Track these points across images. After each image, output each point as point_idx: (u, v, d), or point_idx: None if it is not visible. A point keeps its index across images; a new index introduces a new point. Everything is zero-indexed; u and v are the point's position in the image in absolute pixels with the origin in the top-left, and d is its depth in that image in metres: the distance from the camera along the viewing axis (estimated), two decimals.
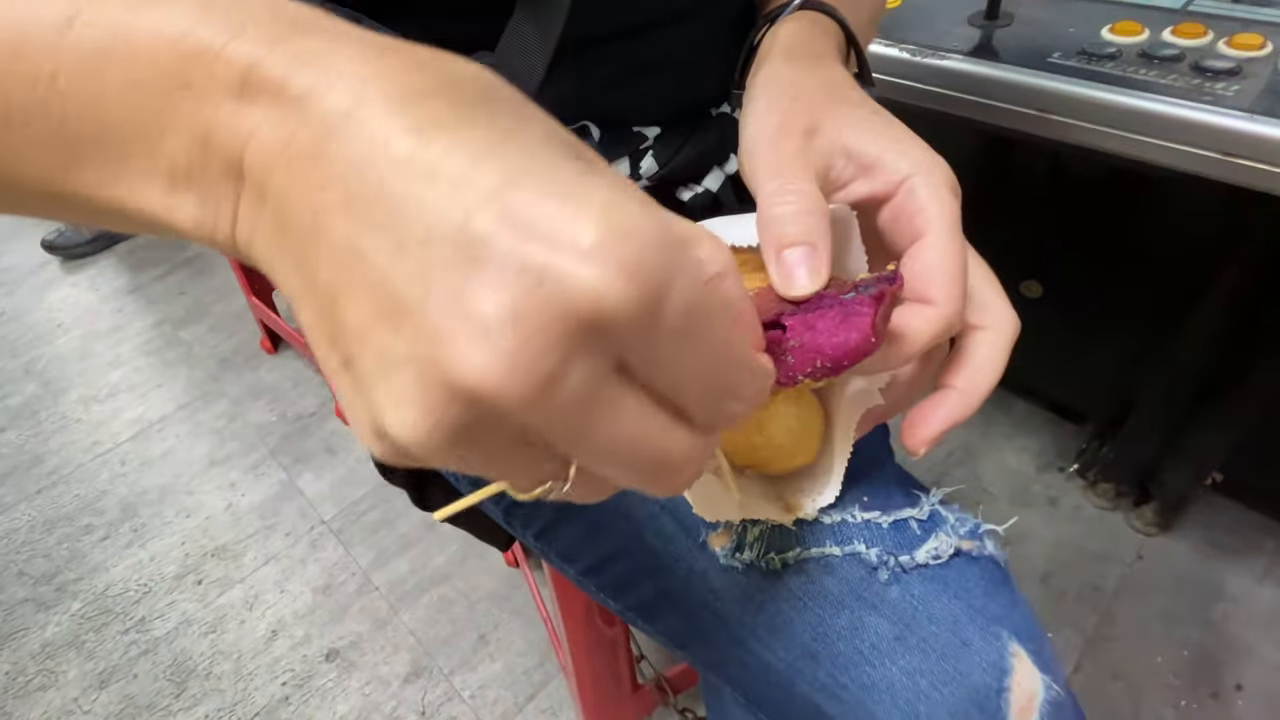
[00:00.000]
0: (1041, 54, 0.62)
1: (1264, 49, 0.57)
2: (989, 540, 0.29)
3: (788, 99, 0.28)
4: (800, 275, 0.22)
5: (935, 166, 0.25)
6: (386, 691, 1.00)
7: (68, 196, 0.17)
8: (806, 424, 0.26)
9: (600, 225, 0.13)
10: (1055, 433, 1.23)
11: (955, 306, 0.23)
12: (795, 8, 0.34)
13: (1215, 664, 0.93)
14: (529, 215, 0.13)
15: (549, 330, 0.13)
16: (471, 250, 0.13)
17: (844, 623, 0.28)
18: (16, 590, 1.18)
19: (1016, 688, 0.25)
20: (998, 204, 1.03)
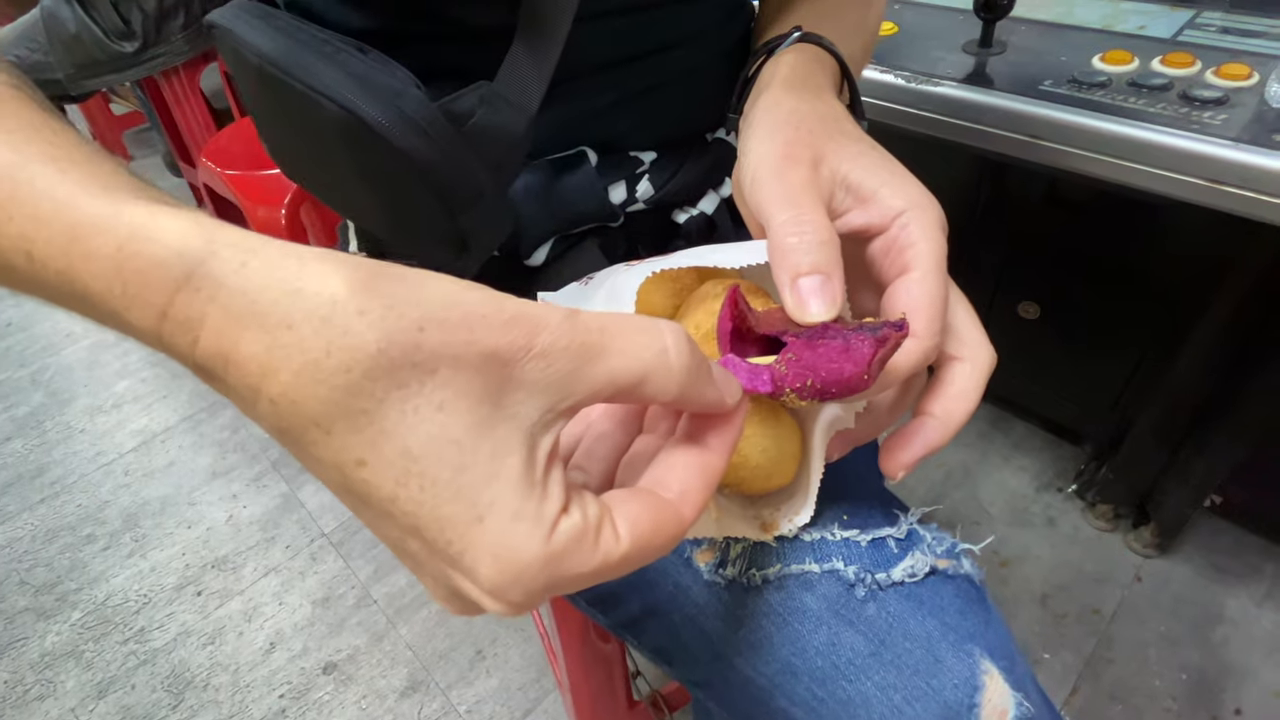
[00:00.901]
0: (1033, 82, 0.64)
1: (1250, 79, 0.59)
2: (965, 559, 0.30)
3: (790, 128, 0.29)
4: (814, 303, 0.23)
5: (929, 205, 0.26)
6: (383, 705, 1.00)
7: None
8: (783, 446, 0.27)
9: (492, 574, 0.17)
10: (1054, 453, 1.23)
11: (934, 341, 0.24)
12: (794, 40, 0.36)
13: (1214, 688, 0.93)
14: (442, 556, 0.17)
15: (475, 609, 0.19)
16: (414, 560, 0.18)
17: (822, 639, 0.28)
18: (17, 599, 1.19)
19: (988, 704, 0.26)
20: (995, 225, 1.04)
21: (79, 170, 0.18)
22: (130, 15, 1.61)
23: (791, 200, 0.25)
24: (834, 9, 0.41)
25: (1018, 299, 1.09)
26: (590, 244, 0.45)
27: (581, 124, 0.43)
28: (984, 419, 1.30)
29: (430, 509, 0.16)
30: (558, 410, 0.18)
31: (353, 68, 0.35)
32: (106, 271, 0.17)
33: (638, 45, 0.43)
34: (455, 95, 0.36)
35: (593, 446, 0.24)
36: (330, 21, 0.40)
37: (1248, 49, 0.63)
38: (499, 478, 0.17)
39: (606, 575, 0.19)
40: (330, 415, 0.16)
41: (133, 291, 0.17)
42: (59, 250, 0.17)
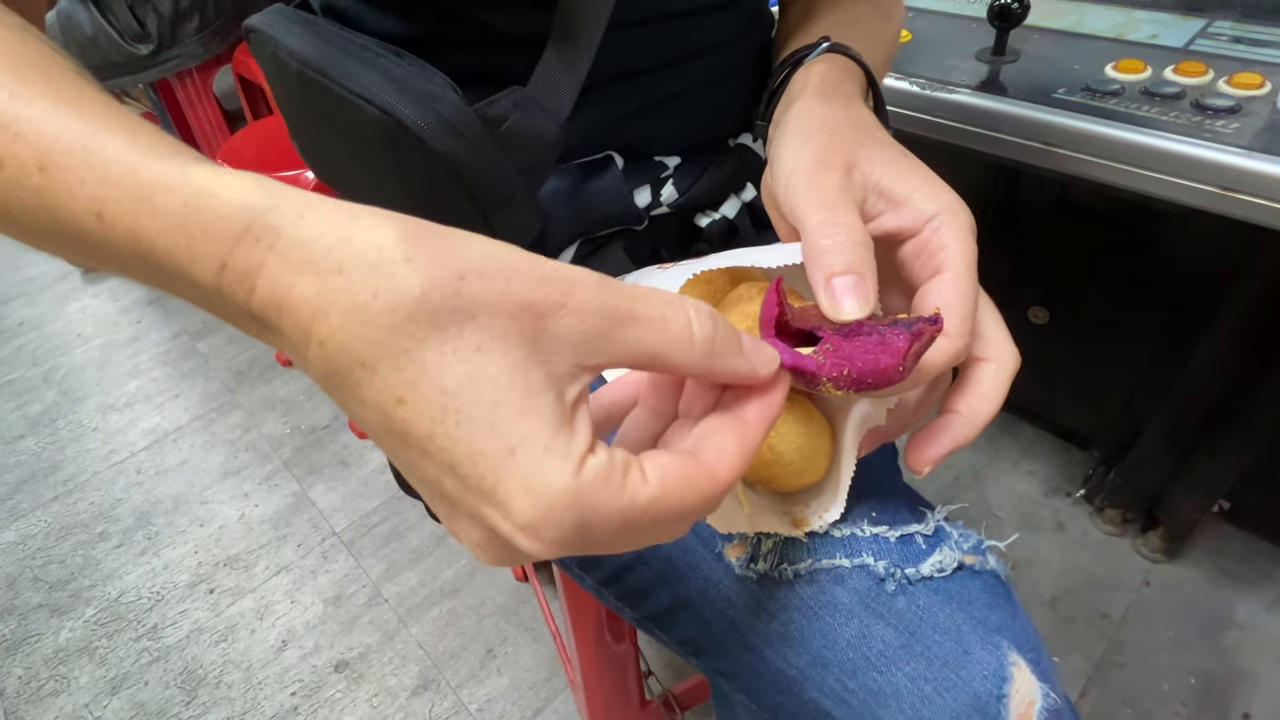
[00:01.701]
0: (1047, 90, 0.64)
1: (1263, 88, 0.59)
2: (991, 556, 0.31)
3: (824, 134, 0.30)
4: (847, 302, 0.24)
5: (960, 210, 0.27)
6: (394, 704, 1.01)
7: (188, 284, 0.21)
8: (815, 444, 0.28)
9: (524, 510, 0.18)
10: (1063, 458, 1.24)
11: (965, 340, 0.25)
12: (823, 50, 0.37)
13: (1223, 693, 0.93)
14: (475, 493, 0.18)
15: (515, 555, 0.19)
16: (449, 500, 0.19)
17: (853, 631, 0.29)
18: (31, 596, 1.20)
19: (1015, 695, 0.27)
20: (1006, 231, 1.04)
21: (146, 138, 0.19)
22: (146, 18, 1.62)
23: (825, 203, 0.26)
24: (856, 20, 0.42)
25: (1028, 304, 1.10)
26: (615, 246, 0.46)
27: (609, 129, 0.44)
28: (994, 423, 1.30)
29: (465, 444, 0.17)
30: (585, 365, 0.19)
31: (391, 72, 0.36)
32: (172, 227, 0.18)
33: (665, 53, 0.43)
34: (490, 100, 0.37)
35: (627, 430, 0.24)
36: (366, 27, 0.41)
37: (1260, 58, 0.64)
38: (531, 414, 0.17)
39: (635, 523, 0.19)
40: (375, 355, 0.17)
41: (196, 244, 0.18)
42: (128, 209, 0.18)
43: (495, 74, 0.40)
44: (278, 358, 1.63)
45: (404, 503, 1.28)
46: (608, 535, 0.19)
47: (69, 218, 0.19)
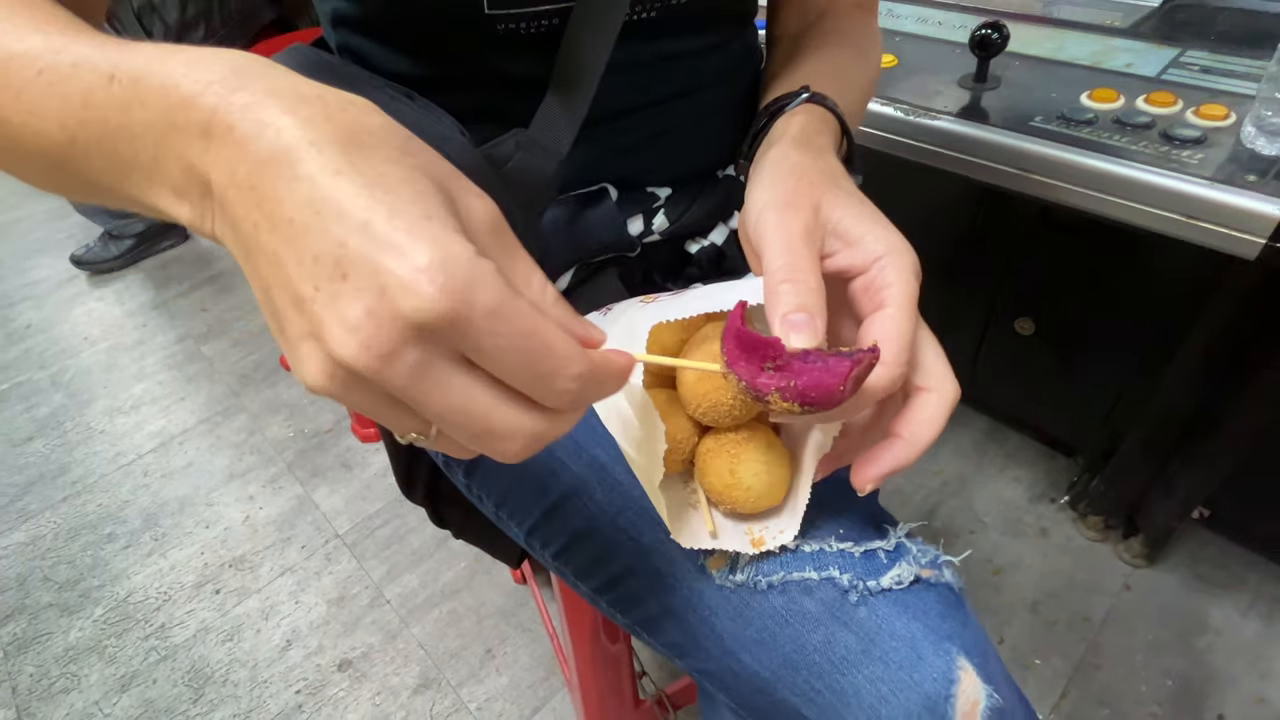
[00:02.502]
0: (1025, 118, 0.67)
1: (1228, 119, 0.62)
2: (947, 569, 0.34)
3: (794, 179, 0.33)
4: (795, 336, 0.27)
5: (905, 252, 0.30)
6: (396, 702, 1.04)
7: (124, 198, 0.25)
8: (774, 472, 0.31)
9: (427, 254, 0.19)
10: (1048, 465, 1.27)
11: (901, 369, 0.28)
12: (802, 100, 0.40)
13: (1198, 694, 0.96)
14: (382, 244, 0.19)
15: (390, 326, 0.19)
16: (342, 268, 0.20)
17: (819, 637, 0.32)
18: (41, 595, 1.23)
19: (962, 695, 0.30)
20: (993, 245, 1.07)
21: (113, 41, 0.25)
22: (153, 27, 1.65)
23: (787, 248, 0.29)
24: (836, 66, 0.45)
25: (1014, 315, 1.13)
26: (609, 272, 0.49)
27: (604, 163, 0.47)
28: (980, 431, 1.34)
29: (389, 205, 0.20)
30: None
31: (403, 114, 0.39)
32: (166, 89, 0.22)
33: (659, 93, 0.46)
34: (495, 142, 0.40)
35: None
36: (379, 65, 0.44)
37: (1226, 89, 0.67)
38: (444, 211, 0.21)
39: (508, 316, 0.20)
40: (326, 139, 0.21)
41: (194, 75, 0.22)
42: (142, 61, 0.23)
43: (499, 113, 0.43)
44: (281, 361, 1.65)
45: (405, 506, 1.31)
46: (484, 318, 0.20)
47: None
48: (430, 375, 0.20)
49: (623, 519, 0.39)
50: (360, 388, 0.21)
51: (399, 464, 0.67)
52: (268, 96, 0.21)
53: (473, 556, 1.21)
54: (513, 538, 0.47)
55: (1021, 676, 1.00)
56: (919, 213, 1.05)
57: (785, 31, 0.52)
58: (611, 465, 0.40)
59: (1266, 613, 1.04)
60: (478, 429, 0.22)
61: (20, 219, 2.38)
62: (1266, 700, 0.95)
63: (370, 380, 0.20)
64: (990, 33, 0.69)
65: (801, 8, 0.51)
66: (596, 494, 0.40)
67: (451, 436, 0.23)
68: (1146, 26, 0.79)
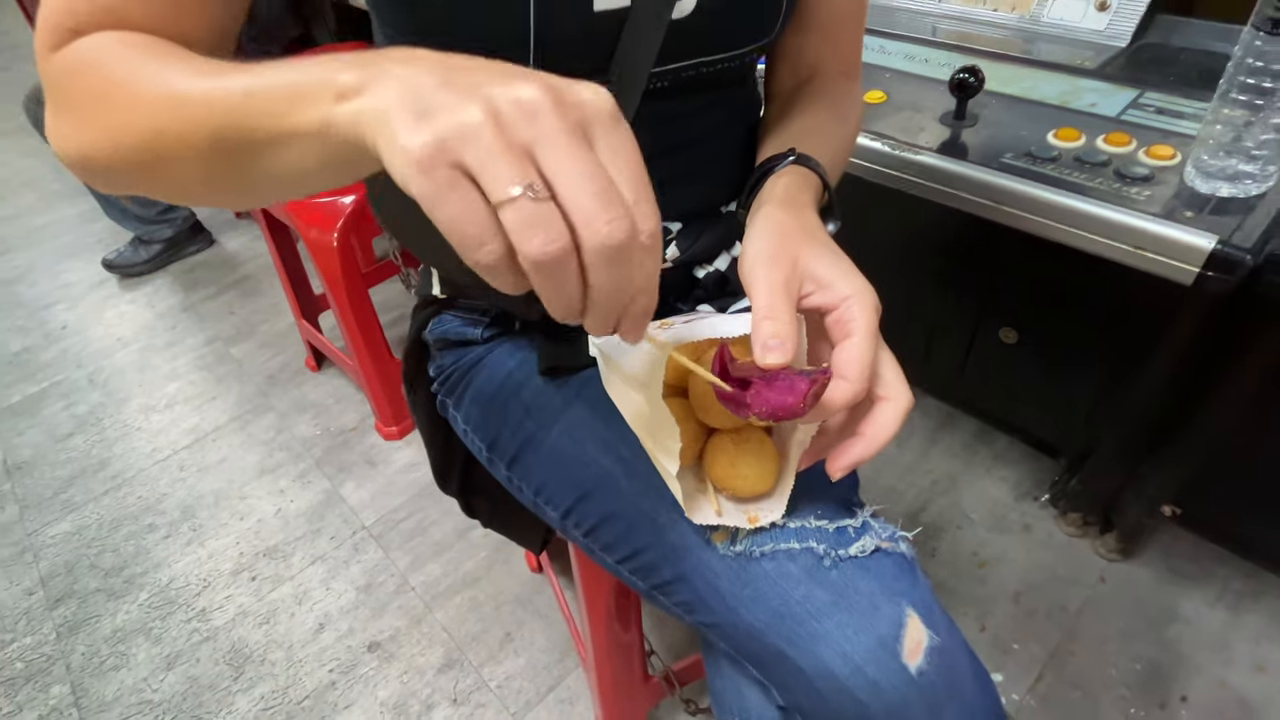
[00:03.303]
0: (997, 154, 0.75)
1: (1174, 159, 0.70)
2: (901, 542, 0.42)
3: (779, 236, 0.41)
4: (769, 356, 0.35)
5: (867, 292, 0.38)
6: (422, 680, 1.12)
7: (282, 140, 0.30)
8: (766, 466, 0.40)
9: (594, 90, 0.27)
10: (1033, 465, 1.35)
11: (862, 385, 0.36)
12: (790, 161, 0.48)
13: (1164, 678, 1.04)
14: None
15: (570, 92, 0.26)
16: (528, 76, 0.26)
17: (800, 593, 0.40)
18: (89, 581, 1.32)
19: (909, 636, 0.38)
20: (979, 260, 1.15)
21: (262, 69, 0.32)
22: None
23: (770, 293, 0.37)
24: (820, 126, 0.53)
25: (999, 325, 1.21)
26: None
27: None
28: (970, 433, 1.42)
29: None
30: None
31: None
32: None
33: (672, 143, 0.55)
34: None
35: None
36: None
37: (1176, 130, 0.75)
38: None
39: (626, 128, 0.27)
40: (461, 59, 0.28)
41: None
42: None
43: None
44: (307, 363, 1.74)
45: (427, 500, 1.40)
46: (615, 119, 0.27)
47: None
48: (570, 132, 0.25)
49: (644, 503, 0.47)
50: (501, 128, 0.24)
51: (435, 459, 0.76)
52: (385, 62, 0.28)
53: (491, 548, 1.30)
54: (547, 520, 0.56)
55: (1001, 660, 1.08)
56: (911, 232, 1.13)
57: (780, 88, 0.60)
58: (634, 460, 0.49)
59: (1233, 604, 1.12)
60: (592, 186, 0.25)
61: (51, 223, 2.48)
62: (1228, 684, 1.03)
63: (527, 115, 0.25)
64: (968, 77, 0.77)
65: (794, 68, 0.59)
66: (622, 483, 0.49)
67: (563, 194, 0.25)
68: (1113, 67, 0.87)
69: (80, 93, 0.37)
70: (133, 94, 0.34)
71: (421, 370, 0.69)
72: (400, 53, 0.28)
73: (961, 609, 1.14)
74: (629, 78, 0.46)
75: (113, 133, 0.35)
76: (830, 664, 0.38)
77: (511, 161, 0.24)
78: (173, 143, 0.33)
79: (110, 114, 0.35)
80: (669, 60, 0.47)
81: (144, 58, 0.35)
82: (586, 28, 0.43)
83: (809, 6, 0.55)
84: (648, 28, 0.43)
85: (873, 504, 0.44)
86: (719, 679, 0.50)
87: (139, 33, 0.38)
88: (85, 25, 0.37)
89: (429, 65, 0.27)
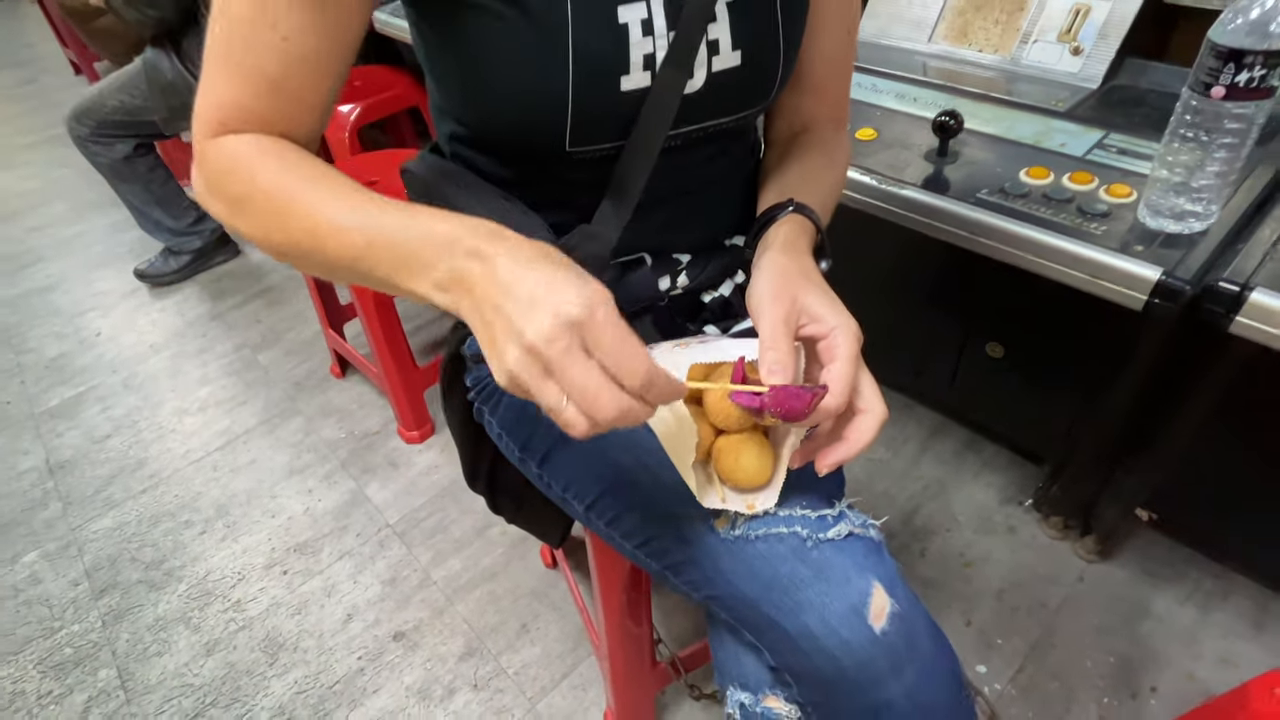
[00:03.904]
0: (974, 190, 0.84)
1: (1130, 197, 0.79)
2: (871, 529, 0.51)
3: (782, 278, 0.50)
4: (772, 379, 0.44)
5: (850, 325, 0.47)
6: (445, 667, 1.20)
7: (389, 284, 0.43)
8: (763, 461, 0.49)
9: (575, 290, 0.37)
10: (1018, 471, 1.43)
11: (844, 399, 0.45)
12: (790, 211, 0.56)
13: (1136, 670, 1.12)
14: (554, 288, 0.38)
15: (555, 321, 0.37)
16: (535, 302, 0.38)
17: (787, 569, 0.49)
18: (131, 573, 1.41)
19: (874, 604, 0.47)
20: (964, 282, 1.24)
21: (393, 205, 0.44)
22: None
23: (773, 327, 0.46)
24: (813, 173, 0.62)
25: (986, 339, 1.29)
26: (645, 319, 0.66)
27: (641, 237, 0.64)
28: (960, 440, 1.50)
29: (551, 274, 0.38)
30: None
31: (509, 215, 0.56)
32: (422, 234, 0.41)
33: (682, 188, 0.63)
34: (567, 236, 0.57)
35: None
36: (483, 170, 0.62)
37: (1135, 169, 0.83)
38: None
39: (614, 320, 0.37)
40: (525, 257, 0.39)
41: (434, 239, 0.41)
42: (424, 217, 0.42)
43: (568, 204, 0.60)
44: (331, 370, 1.83)
45: (448, 499, 1.49)
46: (603, 321, 0.37)
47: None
48: (570, 354, 0.36)
49: (658, 496, 0.56)
50: (533, 367, 0.37)
51: (466, 460, 0.85)
52: (493, 239, 0.41)
53: (508, 544, 1.38)
54: (571, 513, 0.64)
55: (986, 654, 1.16)
56: (903, 256, 1.21)
57: (777, 137, 0.69)
58: (649, 460, 0.57)
59: (1202, 603, 1.20)
60: (591, 395, 0.36)
61: (83, 232, 2.58)
62: (1196, 677, 1.11)
63: (541, 359, 0.36)
64: (948, 120, 0.86)
65: (789, 122, 0.68)
66: (639, 479, 0.57)
67: (576, 401, 0.37)
68: (1084, 108, 0.96)
69: (232, 188, 0.48)
70: (281, 212, 0.45)
71: (458, 380, 0.78)
72: (469, 236, 0.41)
73: (948, 605, 1.22)
74: (647, 143, 0.54)
75: (259, 229, 0.47)
76: (811, 627, 0.47)
77: (543, 389, 0.38)
78: (315, 254, 0.45)
79: (257, 216, 0.46)
80: (681, 124, 0.56)
81: (287, 174, 0.46)
82: (614, 105, 0.52)
83: (802, 69, 0.64)
84: (664, 102, 0.52)
85: (868, 506, 0.53)
86: (721, 649, 0.58)
87: (272, 138, 0.48)
88: (230, 120, 0.47)
89: (485, 286, 0.39)
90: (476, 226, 0.41)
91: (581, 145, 0.54)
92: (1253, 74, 0.62)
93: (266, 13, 0.45)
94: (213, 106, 0.48)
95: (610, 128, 0.54)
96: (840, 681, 0.47)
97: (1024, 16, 1.05)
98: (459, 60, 0.52)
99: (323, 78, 0.49)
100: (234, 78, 0.47)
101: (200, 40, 1.81)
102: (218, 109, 0.48)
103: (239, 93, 0.47)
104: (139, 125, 1.96)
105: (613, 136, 0.54)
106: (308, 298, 2.12)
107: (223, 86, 0.47)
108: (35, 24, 5.29)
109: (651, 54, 0.51)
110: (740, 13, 0.52)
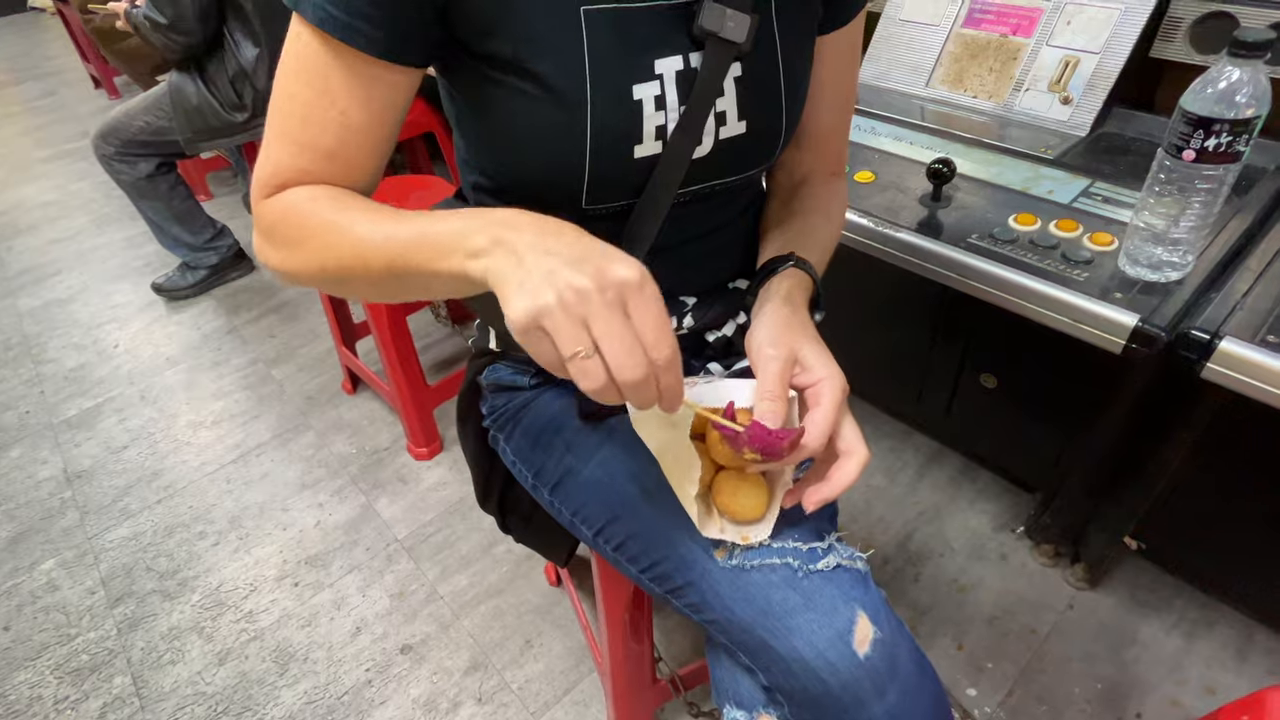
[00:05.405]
0: (965, 234, 0.89)
1: (1112, 245, 0.83)
2: (859, 561, 0.55)
3: (781, 329, 0.55)
4: (767, 421, 0.49)
5: (837, 376, 0.52)
6: (450, 680, 1.24)
7: (429, 275, 0.45)
8: (759, 498, 0.53)
9: (627, 259, 0.41)
10: (1012, 500, 1.46)
11: (821, 443, 0.50)
12: (790, 265, 0.61)
13: (1122, 696, 1.15)
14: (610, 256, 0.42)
15: (602, 275, 0.40)
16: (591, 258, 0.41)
17: (780, 596, 0.53)
18: (146, 582, 1.45)
19: (858, 631, 0.51)
20: (962, 315, 1.28)
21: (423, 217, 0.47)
22: (244, 91, 1.90)
23: (770, 376, 0.51)
24: (810, 229, 0.67)
25: (980, 371, 1.33)
26: None
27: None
28: (955, 468, 1.54)
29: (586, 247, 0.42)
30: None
31: None
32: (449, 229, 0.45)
33: (689, 236, 0.68)
34: None
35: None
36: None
37: (1116, 218, 0.88)
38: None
39: (654, 292, 0.41)
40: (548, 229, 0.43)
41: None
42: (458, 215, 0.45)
43: None
44: (343, 386, 1.88)
45: (455, 517, 1.53)
46: (646, 286, 0.41)
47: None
48: (614, 308, 0.39)
49: (662, 524, 0.60)
50: (572, 310, 0.38)
51: (479, 482, 0.89)
52: (531, 213, 0.45)
53: (514, 562, 1.42)
54: (580, 537, 0.69)
55: (976, 677, 1.19)
56: (901, 292, 1.26)
57: (779, 189, 0.74)
58: (655, 490, 0.62)
59: (1188, 631, 1.23)
60: (625, 351, 0.39)
61: (100, 246, 2.64)
62: (1180, 703, 1.14)
63: (585, 305, 0.38)
64: (941, 167, 0.91)
65: (790, 175, 0.73)
66: (644, 509, 0.62)
67: (606, 352, 0.39)
68: (1071, 155, 1.01)
69: (287, 233, 0.52)
70: (328, 240, 0.49)
71: (474, 408, 0.82)
72: (504, 216, 0.43)
73: (941, 629, 1.26)
74: (657, 201, 0.59)
75: (315, 263, 0.50)
76: (801, 651, 0.51)
77: (571, 333, 0.39)
78: (359, 270, 0.48)
79: (311, 252, 0.50)
80: (690, 184, 0.61)
81: (333, 209, 0.50)
82: (627, 170, 0.57)
83: (803, 129, 0.69)
84: (674, 166, 0.57)
85: (866, 530, 0.57)
86: (719, 669, 0.62)
87: (324, 186, 0.53)
88: (287, 180, 0.52)
89: (529, 240, 0.42)
90: (518, 209, 0.45)
91: (597, 204, 0.59)
92: (1220, 140, 0.67)
93: (326, 93, 0.50)
94: (270, 174, 0.53)
95: (624, 189, 0.58)
96: (827, 701, 0.51)
97: (1017, 65, 1.10)
98: (487, 125, 0.57)
99: (374, 146, 0.54)
100: (291, 148, 0.52)
101: (223, 64, 1.88)
102: (275, 175, 0.53)
103: (296, 160, 0.52)
104: (163, 145, 2.02)
105: (626, 196, 0.59)
106: (321, 314, 2.17)
107: (281, 155, 0.52)
108: (56, 37, 5.40)
109: (664, 125, 0.55)
110: (747, 87, 0.57)
